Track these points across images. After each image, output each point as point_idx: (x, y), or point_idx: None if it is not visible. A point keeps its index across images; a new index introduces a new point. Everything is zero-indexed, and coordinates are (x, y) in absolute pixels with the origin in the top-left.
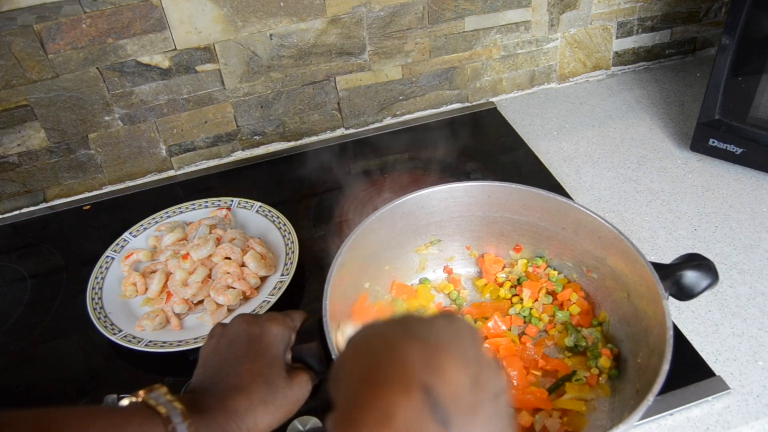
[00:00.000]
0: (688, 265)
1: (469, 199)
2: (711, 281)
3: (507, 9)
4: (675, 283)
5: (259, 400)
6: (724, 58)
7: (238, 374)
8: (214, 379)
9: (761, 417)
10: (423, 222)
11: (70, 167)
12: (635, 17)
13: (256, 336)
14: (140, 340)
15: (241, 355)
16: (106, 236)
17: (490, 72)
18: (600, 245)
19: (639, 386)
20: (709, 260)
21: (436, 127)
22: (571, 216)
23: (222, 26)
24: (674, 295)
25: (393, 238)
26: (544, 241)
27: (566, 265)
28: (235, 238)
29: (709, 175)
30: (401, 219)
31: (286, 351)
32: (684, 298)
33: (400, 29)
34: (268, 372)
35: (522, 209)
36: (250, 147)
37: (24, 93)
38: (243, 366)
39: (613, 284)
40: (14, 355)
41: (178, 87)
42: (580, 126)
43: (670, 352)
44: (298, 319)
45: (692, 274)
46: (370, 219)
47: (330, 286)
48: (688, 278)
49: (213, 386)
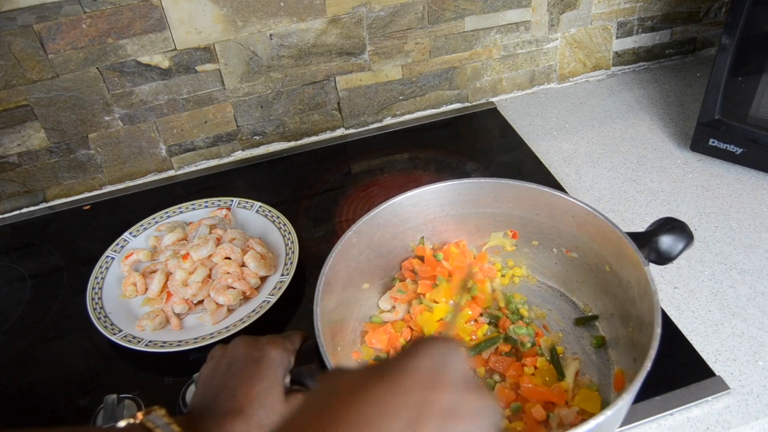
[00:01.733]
0: (662, 229)
1: (441, 200)
2: (686, 242)
3: (507, 9)
4: (653, 250)
5: (256, 423)
6: (724, 58)
7: (236, 397)
8: (212, 402)
9: (761, 417)
10: (399, 229)
11: (70, 167)
12: (635, 17)
13: (256, 359)
14: (140, 340)
15: (239, 379)
16: (106, 236)
17: (490, 72)
18: (575, 224)
19: (635, 355)
20: (683, 222)
21: (436, 127)
22: (543, 200)
23: (222, 26)
24: (654, 261)
25: (373, 250)
26: (520, 228)
27: (548, 250)
28: (235, 238)
29: (709, 175)
30: (378, 229)
31: (285, 374)
32: (663, 261)
33: (400, 29)
34: (266, 396)
35: (494, 202)
36: (250, 147)
37: (24, 93)
38: (241, 389)
39: (594, 260)
40: (14, 355)
41: (178, 87)
42: (580, 126)
43: (659, 315)
44: (298, 341)
45: (668, 238)
46: (347, 235)
47: (319, 307)
48: (664, 242)
49: (211, 409)
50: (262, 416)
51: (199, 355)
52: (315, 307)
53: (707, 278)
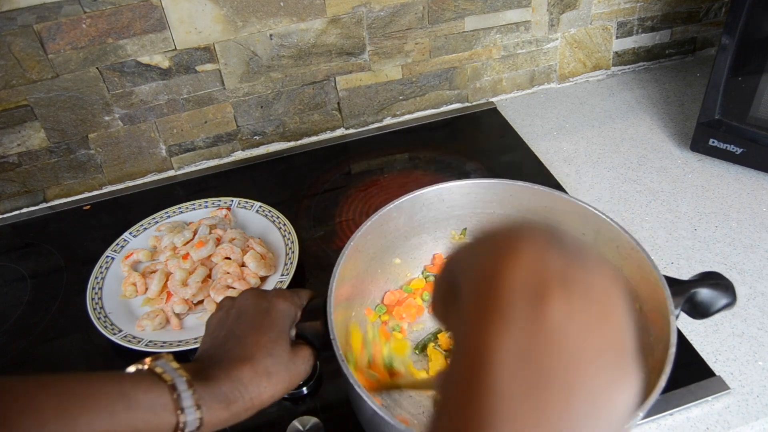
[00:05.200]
0: (704, 282)
1: (491, 197)
2: (729, 301)
3: (507, 9)
4: (688, 300)
5: (264, 371)
6: (724, 58)
7: (245, 345)
8: (220, 349)
9: (761, 417)
10: (443, 215)
11: (70, 167)
12: (635, 17)
13: (264, 310)
14: (140, 340)
15: (248, 327)
16: (106, 236)
17: (490, 72)
18: (618, 255)
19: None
20: (728, 279)
21: (436, 127)
22: (591, 222)
23: (222, 26)
24: (688, 312)
25: (411, 229)
26: None
27: None
28: (235, 238)
29: (709, 175)
30: (420, 210)
31: (291, 327)
32: (698, 316)
33: (400, 29)
34: (274, 345)
35: (544, 211)
36: (250, 147)
37: (24, 93)
38: (250, 337)
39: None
40: (14, 355)
41: (178, 87)
42: (580, 126)
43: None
44: (305, 297)
45: (708, 292)
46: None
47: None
48: (703, 296)
49: (219, 356)
50: (269, 364)
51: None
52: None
53: None
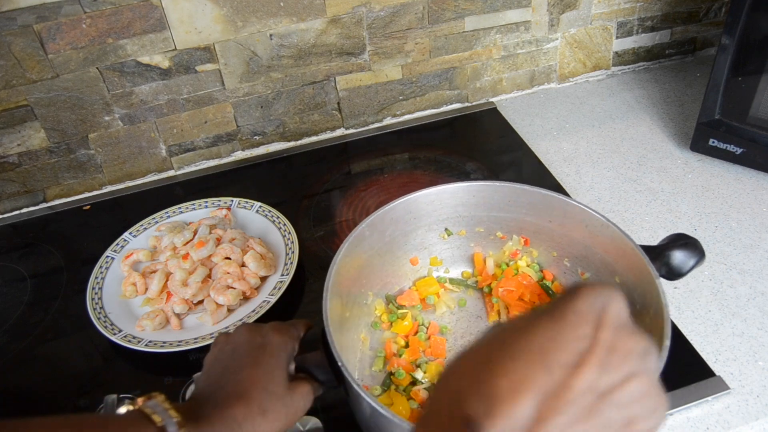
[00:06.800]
0: (675, 244)
1: (455, 201)
2: (698, 259)
3: (507, 9)
4: (664, 264)
5: (258, 407)
6: (724, 58)
7: (238, 381)
8: (214, 387)
9: (761, 417)
10: (411, 227)
11: (70, 167)
12: (635, 17)
13: (259, 345)
14: (140, 340)
15: (242, 364)
16: (106, 236)
17: (490, 72)
18: (588, 234)
19: None
20: (695, 239)
21: (436, 127)
22: (557, 208)
23: (222, 26)
24: (664, 275)
25: (384, 245)
26: (532, 235)
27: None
28: (235, 238)
29: (709, 175)
30: (390, 225)
31: (289, 360)
32: (673, 277)
33: (400, 29)
34: (269, 380)
35: (507, 205)
36: (250, 147)
37: (24, 93)
38: (244, 373)
39: (605, 271)
40: (14, 355)
41: (178, 87)
42: (580, 126)
43: (669, 328)
44: (302, 329)
45: (680, 253)
46: (361, 227)
47: (329, 294)
48: (676, 258)
49: (213, 394)
50: (264, 400)
51: (199, 355)
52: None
53: (707, 278)
